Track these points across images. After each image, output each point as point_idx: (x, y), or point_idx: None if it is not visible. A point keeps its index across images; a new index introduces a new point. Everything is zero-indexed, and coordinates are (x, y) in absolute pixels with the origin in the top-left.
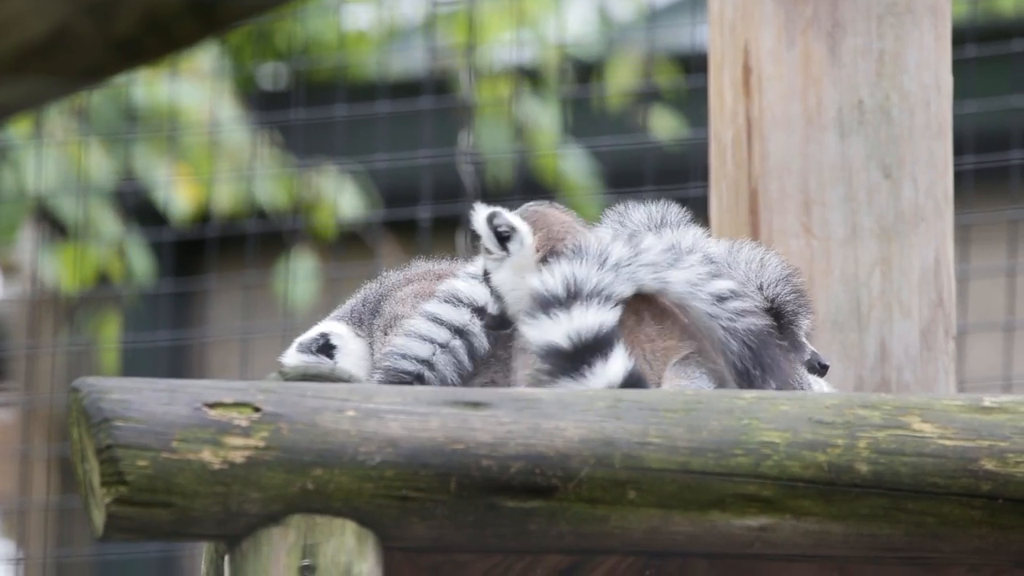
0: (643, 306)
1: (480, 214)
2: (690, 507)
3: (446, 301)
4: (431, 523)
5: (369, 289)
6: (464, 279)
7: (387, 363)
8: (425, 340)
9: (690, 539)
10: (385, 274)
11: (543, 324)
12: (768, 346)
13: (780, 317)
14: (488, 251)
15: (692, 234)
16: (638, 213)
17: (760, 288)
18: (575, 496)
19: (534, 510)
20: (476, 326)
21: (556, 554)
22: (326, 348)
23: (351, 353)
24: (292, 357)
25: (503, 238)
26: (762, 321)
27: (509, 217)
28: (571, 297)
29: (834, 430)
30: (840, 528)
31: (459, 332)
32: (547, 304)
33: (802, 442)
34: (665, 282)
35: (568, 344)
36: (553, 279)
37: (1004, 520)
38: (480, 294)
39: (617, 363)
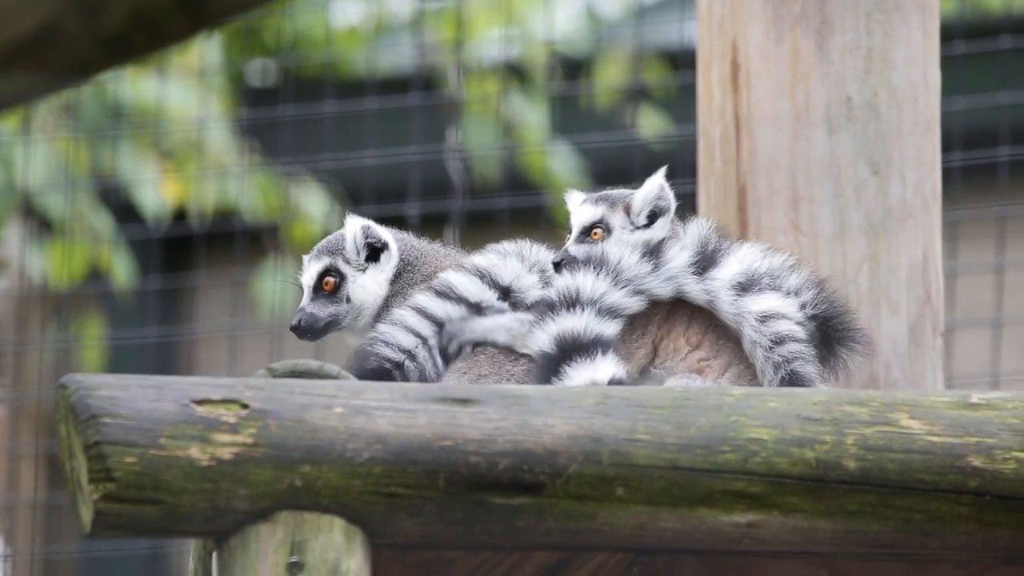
0: (700, 316)
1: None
2: (678, 504)
3: (439, 294)
4: (419, 520)
5: (408, 258)
6: (462, 273)
7: (370, 347)
8: (410, 332)
9: (678, 536)
10: (431, 250)
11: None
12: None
13: (823, 330)
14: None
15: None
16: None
17: (796, 294)
18: (563, 493)
19: (522, 507)
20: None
21: (544, 551)
22: (375, 250)
23: (381, 283)
24: (352, 223)
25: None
26: (809, 368)
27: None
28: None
29: (822, 427)
30: (828, 524)
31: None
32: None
33: (790, 439)
34: (712, 294)
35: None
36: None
37: (991, 516)
38: (474, 289)
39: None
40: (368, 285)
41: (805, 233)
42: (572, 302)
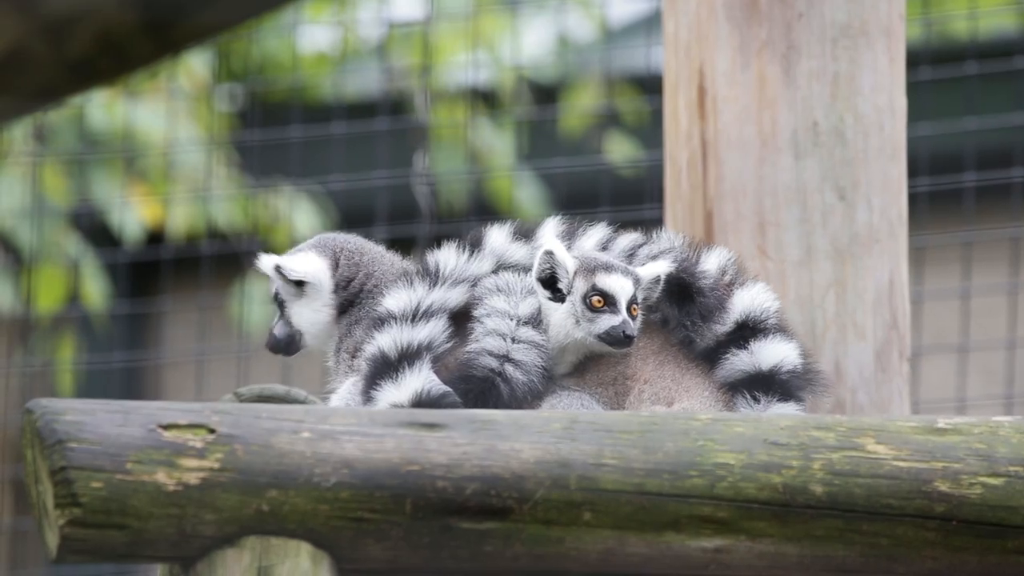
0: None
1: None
2: (645, 529)
3: (490, 292)
4: (386, 545)
5: (366, 272)
6: (496, 297)
7: (470, 360)
8: (496, 335)
9: (645, 560)
10: (387, 260)
11: None
12: None
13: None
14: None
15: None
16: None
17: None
18: (530, 517)
19: (489, 531)
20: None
21: None
22: (300, 283)
23: (318, 308)
24: (265, 264)
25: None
26: None
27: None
28: None
29: (789, 451)
30: (795, 549)
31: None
32: None
33: (757, 463)
34: None
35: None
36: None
37: (958, 542)
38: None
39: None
40: (304, 312)
41: (772, 258)
42: None
